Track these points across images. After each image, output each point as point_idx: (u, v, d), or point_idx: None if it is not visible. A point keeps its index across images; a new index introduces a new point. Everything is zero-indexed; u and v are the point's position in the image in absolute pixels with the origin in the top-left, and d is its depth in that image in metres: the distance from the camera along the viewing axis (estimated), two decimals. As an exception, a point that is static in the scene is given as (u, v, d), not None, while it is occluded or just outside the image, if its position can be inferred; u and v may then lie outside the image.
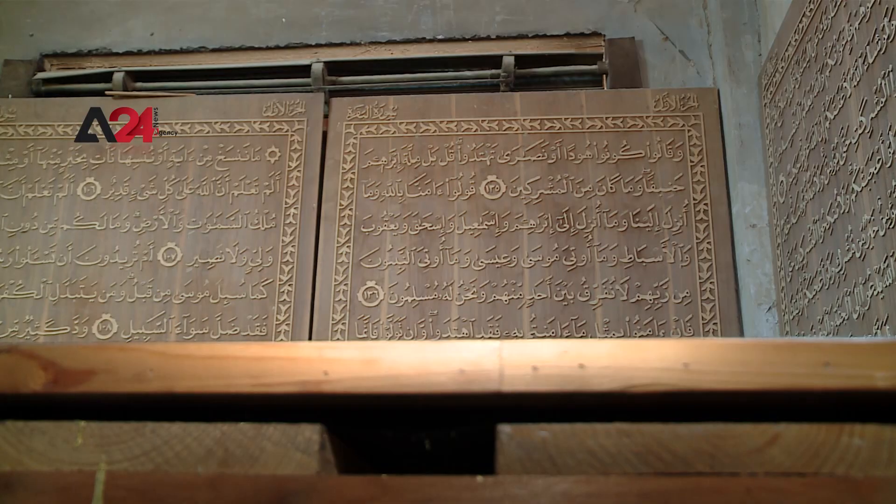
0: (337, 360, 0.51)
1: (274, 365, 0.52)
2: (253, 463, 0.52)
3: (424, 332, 2.81)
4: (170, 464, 0.53)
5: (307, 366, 0.51)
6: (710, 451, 0.53)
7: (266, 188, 3.04)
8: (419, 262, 2.90)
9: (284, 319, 2.87)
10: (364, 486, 0.49)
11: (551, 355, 0.53)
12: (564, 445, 0.53)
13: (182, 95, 3.25)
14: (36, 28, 3.44)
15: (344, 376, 0.51)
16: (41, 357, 0.56)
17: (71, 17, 3.44)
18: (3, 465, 0.55)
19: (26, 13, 3.45)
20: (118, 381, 0.54)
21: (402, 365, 0.51)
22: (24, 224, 3.05)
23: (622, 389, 0.53)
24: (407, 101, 3.13)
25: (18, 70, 3.37)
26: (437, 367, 0.51)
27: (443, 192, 2.98)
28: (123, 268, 2.98)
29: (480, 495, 0.50)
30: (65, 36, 3.42)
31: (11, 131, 3.17)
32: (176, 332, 2.88)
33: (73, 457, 0.54)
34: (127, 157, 3.12)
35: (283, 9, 3.38)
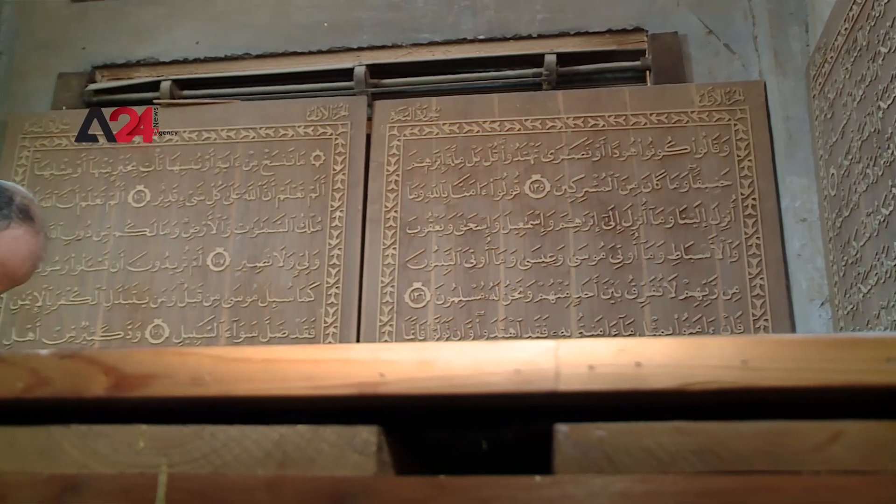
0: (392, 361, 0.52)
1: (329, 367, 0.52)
2: (311, 465, 0.52)
3: (472, 333, 2.81)
4: (229, 466, 0.54)
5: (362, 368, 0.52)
6: (770, 449, 0.52)
7: (311, 192, 3.06)
8: (465, 262, 2.90)
9: (332, 322, 2.89)
10: (422, 487, 0.50)
11: (607, 354, 0.53)
12: (622, 444, 0.52)
13: (227, 102, 3.29)
14: (87, 41, 3.51)
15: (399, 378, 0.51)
16: (103, 362, 0.57)
17: (120, 28, 3.51)
18: (69, 467, 0.57)
19: (78, 27, 3.53)
20: (177, 385, 0.55)
21: (457, 365, 0.51)
22: (79, 232, 3.12)
23: (680, 387, 0.52)
24: (449, 102, 3.13)
25: (71, 82, 3.44)
26: (492, 368, 0.51)
27: (487, 192, 2.98)
28: (174, 273, 3.03)
29: (538, 495, 0.50)
30: (114, 47, 3.49)
31: (65, 142, 3.24)
32: (226, 335, 2.92)
33: (135, 460, 0.56)
34: (175, 164, 3.17)
35: (324, 13, 3.41)
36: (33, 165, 3.22)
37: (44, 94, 3.45)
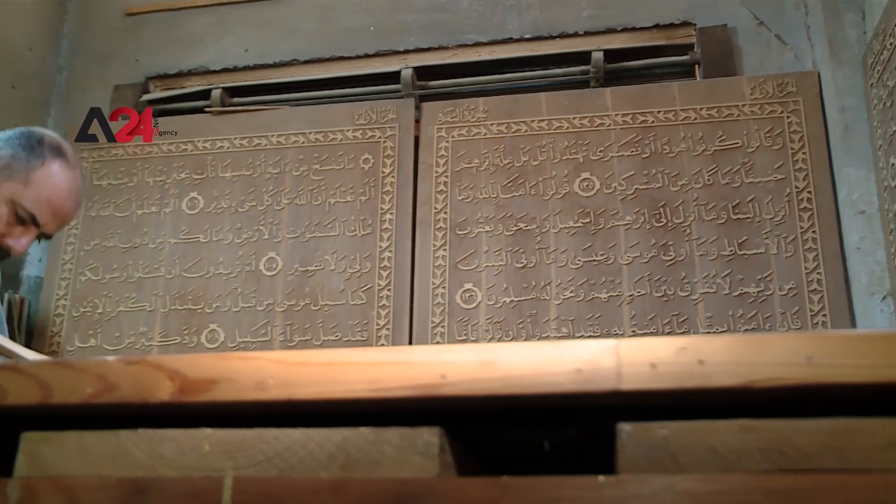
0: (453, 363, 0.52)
1: (391, 370, 0.53)
2: (374, 467, 0.52)
3: (524, 333, 2.80)
4: (293, 469, 0.54)
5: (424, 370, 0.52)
6: (838, 446, 0.51)
7: (361, 195, 3.08)
8: (516, 262, 2.90)
9: (384, 324, 2.90)
10: (485, 488, 0.50)
11: (669, 352, 0.52)
12: (685, 443, 0.52)
13: (277, 108, 3.33)
14: (140, 53, 3.59)
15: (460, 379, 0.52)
16: (167, 367, 0.58)
17: (171, 39, 3.58)
18: (137, 471, 0.58)
19: (132, 40, 3.61)
20: (240, 390, 0.56)
21: (519, 366, 0.51)
22: (135, 240, 3.19)
23: (743, 385, 0.52)
24: (497, 102, 3.13)
25: (126, 94, 3.52)
26: (554, 367, 0.51)
27: (536, 192, 2.97)
28: (228, 278, 3.08)
29: (602, 495, 0.50)
30: (166, 58, 3.56)
31: (122, 152, 3.31)
32: (280, 339, 2.96)
33: (200, 463, 0.57)
34: (227, 171, 3.22)
35: (370, 17, 3.43)
36: (92, 175, 3.30)
37: (101, 106, 3.52)
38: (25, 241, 1.57)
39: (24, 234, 1.58)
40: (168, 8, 3.63)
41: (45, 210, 1.58)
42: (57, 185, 1.60)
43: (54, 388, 0.61)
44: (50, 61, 3.63)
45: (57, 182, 1.61)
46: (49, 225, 1.59)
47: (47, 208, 1.58)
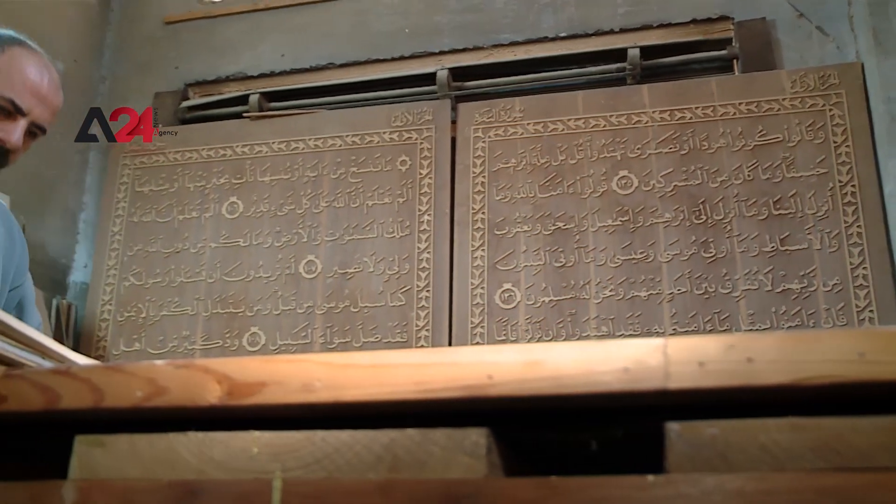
0: (499, 363, 0.52)
1: (437, 371, 0.53)
2: (422, 468, 0.53)
3: (563, 332, 2.79)
4: (341, 471, 0.55)
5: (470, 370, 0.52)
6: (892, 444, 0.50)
7: (399, 196, 3.09)
8: (554, 261, 2.89)
9: (424, 325, 2.91)
10: (533, 488, 0.50)
11: (717, 350, 0.52)
12: (735, 442, 0.51)
13: (314, 112, 3.35)
14: (180, 60, 3.64)
15: (507, 379, 0.51)
16: (216, 371, 0.59)
17: (209, 46, 3.62)
18: (188, 473, 0.59)
19: (171, 48, 3.66)
20: (287, 392, 0.56)
21: (565, 366, 0.51)
22: (177, 245, 3.23)
23: (793, 382, 0.51)
24: (533, 102, 3.12)
25: (166, 101, 3.57)
26: (601, 367, 0.51)
27: (574, 191, 2.95)
28: (268, 282, 3.11)
29: (651, 495, 0.49)
30: (204, 65, 3.60)
31: (163, 158, 3.36)
32: (320, 341, 2.97)
33: (249, 466, 0.57)
34: (265, 175, 3.25)
35: (404, 20, 3.44)
36: (134, 182, 3.35)
37: (142, 114, 3.59)
38: (17, 132, 1.52)
39: (13, 126, 1.52)
40: (205, 16, 3.67)
41: (23, 91, 1.54)
42: (25, 65, 1.56)
43: (106, 391, 0.62)
44: (94, 72, 3.70)
45: (24, 62, 1.56)
46: (35, 110, 1.55)
47: (24, 89, 1.54)
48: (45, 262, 3.32)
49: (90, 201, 3.57)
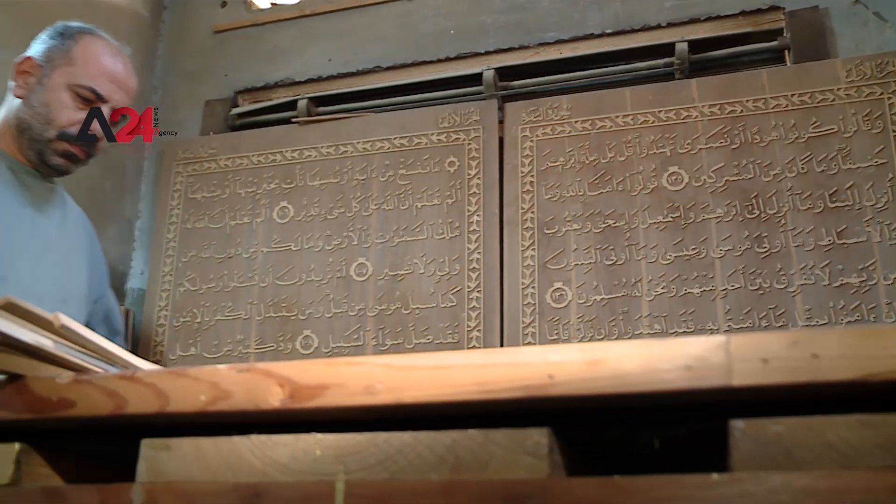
0: (560, 363, 0.52)
1: (498, 371, 0.53)
2: (484, 468, 0.53)
3: (615, 331, 2.77)
4: (404, 472, 0.55)
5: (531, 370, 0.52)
6: (966, 441, 0.49)
7: (448, 198, 3.10)
8: (605, 259, 2.86)
9: (475, 326, 2.91)
10: (596, 488, 0.49)
11: (781, 347, 0.51)
12: (801, 439, 0.50)
13: (361, 115, 3.37)
14: (229, 68, 3.69)
15: (568, 379, 0.51)
16: (278, 374, 0.60)
17: (257, 53, 3.67)
18: (252, 476, 0.60)
19: (221, 56, 3.72)
20: (349, 395, 0.57)
21: (627, 364, 0.51)
22: (230, 250, 3.28)
23: (861, 378, 0.50)
24: (580, 100, 3.10)
25: (217, 108, 3.63)
26: (663, 365, 0.51)
27: (624, 188, 2.93)
28: (319, 285, 3.13)
29: (716, 493, 0.49)
30: (253, 72, 3.65)
31: (214, 165, 3.41)
32: (372, 343, 2.99)
33: (313, 468, 0.58)
34: (315, 179, 3.28)
35: (449, 21, 3.45)
36: (187, 189, 3.41)
37: (193, 122, 3.65)
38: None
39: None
40: (253, 23, 3.72)
41: (101, 79, 1.57)
42: (100, 52, 1.61)
43: (171, 396, 0.63)
44: (145, 82, 3.77)
45: (99, 49, 1.61)
46: (114, 95, 1.58)
47: (102, 76, 1.58)
48: (103, 270, 3.39)
49: (145, 209, 3.64)
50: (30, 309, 0.68)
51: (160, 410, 0.63)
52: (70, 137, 1.55)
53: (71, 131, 1.55)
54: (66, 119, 1.55)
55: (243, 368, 0.60)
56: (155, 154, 3.68)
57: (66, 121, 1.55)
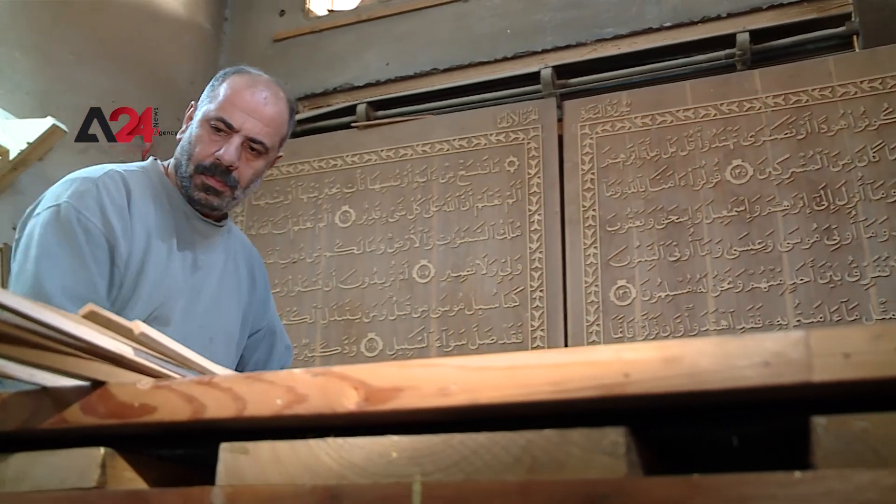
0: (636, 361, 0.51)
1: (573, 370, 0.52)
2: (560, 468, 0.52)
3: (681, 328, 2.73)
4: (479, 473, 0.55)
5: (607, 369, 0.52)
6: None
7: (508, 197, 3.09)
8: (669, 256, 2.83)
9: (539, 325, 2.90)
10: (675, 487, 0.49)
11: (863, 341, 0.49)
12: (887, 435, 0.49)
13: (420, 118, 3.39)
14: (289, 76, 3.74)
15: (644, 377, 0.51)
16: (352, 378, 0.60)
17: (316, 60, 3.72)
18: (329, 478, 0.60)
19: (281, 64, 3.78)
20: (424, 397, 0.57)
21: (704, 361, 0.50)
22: (293, 255, 3.32)
23: (949, 373, 0.48)
24: (640, 95, 3.07)
25: (276, 115, 3.68)
26: (740, 361, 0.50)
27: (686, 183, 2.89)
28: (382, 288, 3.15)
29: (799, 491, 0.48)
30: (312, 79, 3.70)
31: (276, 172, 3.46)
32: (436, 345, 3.00)
33: (389, 470, 0.58)
34: (375, 183, 3.30)
35: (505, 21, 3.44)
36: (250, 196, 3.46)
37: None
38: (231, 148, 1.57)
39: (226, 142, 1.58)
40: (312, 30, 3.77)
41: (231, 108, 1.58)
42: (236, 86, 1.61)
43: (248, 400, 0.64)
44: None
45: (236, 85, 1.62)
46: (246, 124, 1.58)
47: (232, 106, 1.58)
48: (172, 277, 3.47)
49: (210, 217, 3.71)
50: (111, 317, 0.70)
51: (237, 415, 0.64)
52: (205, 170, 1.57)
53: (206, 163, 1.57)
54: (201, 152, 1.58)
55: (318, 372, 0.61)
56: (219, 162, 3.75)
57: (201, 154, 1.58)
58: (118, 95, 3.28)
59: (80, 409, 0.71)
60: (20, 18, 2.83)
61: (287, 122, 1.70)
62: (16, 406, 0.74)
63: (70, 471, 0.70)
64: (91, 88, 3.14)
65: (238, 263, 1.76)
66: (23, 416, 0.73)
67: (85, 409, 0.71)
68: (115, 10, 3.31)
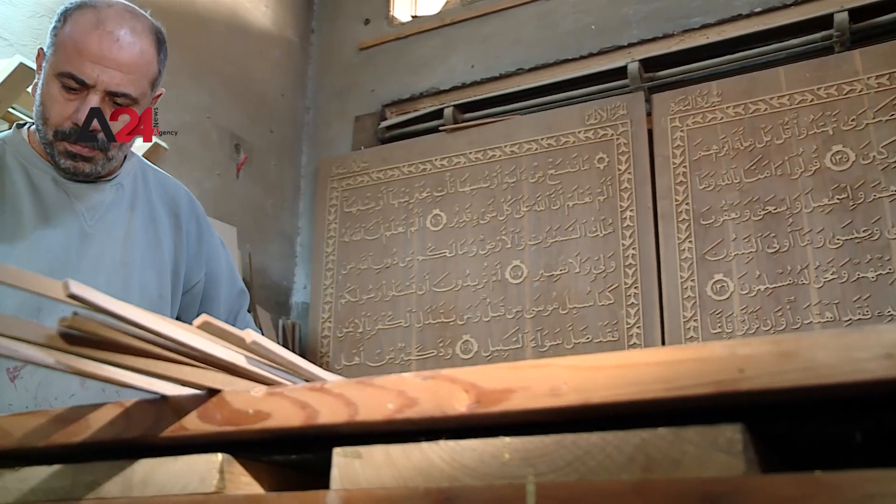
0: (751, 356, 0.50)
1: (685, 368, 0.52)
2: (675, 467, 0.52)
3: (783, 321, 2.65)
4: (593, 473, 0.55)
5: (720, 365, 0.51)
6: None
7: (599, 195, 3.06)
8: (767, 247, 2.75)
9: (634, 323, 2.86)
10: (796, 485, 0.48)
11: None
12: None
13: (507, 118, 3.39)
14: (375, 83, 3.80)
15: (760, 372, 0.50)
16: (462, 380, 0.61)
17: (401, 66, 3.76)
18: (442, 481, 0.61)
19: (367, 72, 3.84)
20: (535, 397, 0.57)
21: (821, 355, 0.49)
22: (386, 260, 3.36)
23: None
24: (730, 84, 2.99)
25: (366, 123, 3.74)
26: (860, 354, 0.48)
27: (783, 172, 2.80)
28: (475, 290, 3.16)
29: (933, 491, 0.46)
30: (398, 84, 3.74)
31: (367, 178, 3.52)
32: (531, 345, 2.99)
33: (502, 471, 0.59)
34: (465, 186, 3.31)
35: (590, 16, 3.41)
36: (342, 203, 3.53)
37: (344, 138, 3.78)
38: (86, 108, 1.32)
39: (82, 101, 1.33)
40: (396, 37, 3.81)
41: (78, 59, 1.31)
42: (81, 31, 1.32)
43: (359, 405, 0.66)
44: (298, 103, 3.94)
45: (81, 28, 1.33)
46: (102, 76, 1.31)
47: (79, 56, 1.31)
48: (270, 286, 3.57)
49: (304, 225, 3.80)
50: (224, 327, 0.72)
51: (350, 420, 0.65)
52: (65, 136, 1.34)
53: (65, 128, 1.33)
54: (56, 115, 1.33)
55: (428, 376, 0.62)
56: (310, 171, 3.83)
57: (56, 117, 1.33)
58: (212, 111, 3.39)
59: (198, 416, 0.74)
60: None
61: (156, 56, 1.41)
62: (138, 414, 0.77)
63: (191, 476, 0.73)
64: (187, 106, 3.25)
65: (154, 215, 1.52)
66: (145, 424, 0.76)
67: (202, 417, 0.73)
68: (207, 30, 3.42)
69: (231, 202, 3.42)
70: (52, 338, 0.67)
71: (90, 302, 0.61)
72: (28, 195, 1.39)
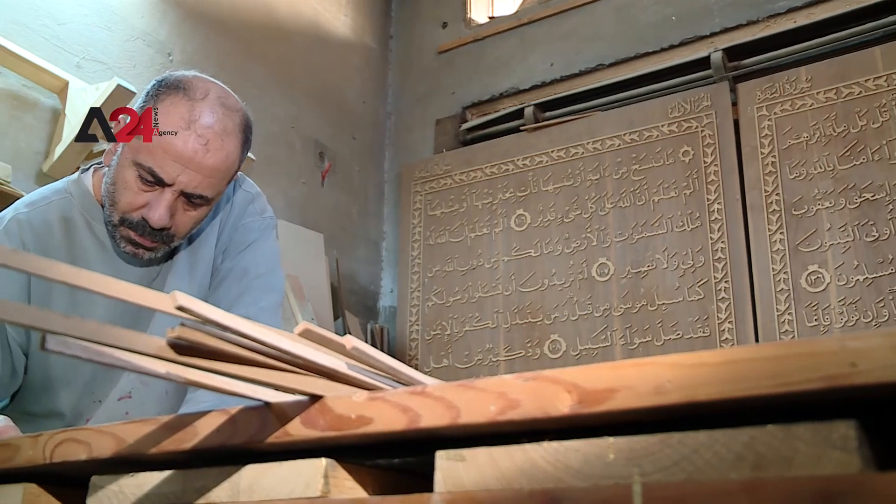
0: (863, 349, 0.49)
1: (794, 363, 0.51)
2: (787, 465, 0.51)
3: (885, 312, 2.56)
4: (701, 472, 0.54)
5: (831, 359, 0.50)
6: None
7: (685, 188, 3.01)
8: (865, 236, 2.66)
9: (726, 317, 2.80)
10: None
11: None
12: None
13: (588, 115, 3.36)
14: (455, 86, 3.82)
15: (873, 366, 0.48)
16: (564, 381, 0.61)
17: (481, 68, 3.77)
18: (546, 482, 0.61)
19: (446, 76, 3.86)
20: (638, 396, 0.57)
21: (941, 348, 0.47)
22: (472, 262, 3.38)
23: None
24: (820, 68, 2.90)
25: (447, 126, 3.77)
26: (985, 346, 0.47)
27: (881, 157, 2.70)
28: (562, 289, 3.15)
29: None
30: (478, 86, 3.75)
31: (450, 181, 3.54)
32: (620, 343, 2.96)
33: (607, 472, 0.58)
34: (548, 185, 3.30)
35: (670, 7, 3.36)
36: (426, 207, 3.56)
37: (426, 142, 3.81)
38: (162, 209, 1.27)
39: (157, 200, 1.28)
40: (474, 39, 3.82)
41: (162, 158, 1.24)
42: (168, 123, 1.26)
43: (461, 408, 0.66)
44: (380, 109, 3.99)
45: (169, 120, 1.26)
46: (181, 177, 1.25)
47: (163, 155, 1.25)
48: (358, 291, 3.62)
49: (389, 230, 3.84)
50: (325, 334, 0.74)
51: (452, 423, 0.66)
52: (132, 226, 1.29)
53: (132, 218, 1.29)
54: (127, 203, 1.28)
55: (529, 377, 0.62)
56: (393, 176, 3.88)
57: (127, 205, 1.28)
58: (296, 121, 3.46)
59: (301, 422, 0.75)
60: (212, 59, 3.04)
61: (240, 156, 1.35)
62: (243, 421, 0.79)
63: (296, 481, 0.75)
64: (272, 117, 3.33)
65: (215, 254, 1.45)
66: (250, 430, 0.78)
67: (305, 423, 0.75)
68: (289, 42, 3.49)
69: (317, 209, 3.49)
70: (162, 348, 0.70)
71: (197, 313, 0.63)
72: (95, 252, 1.37)
